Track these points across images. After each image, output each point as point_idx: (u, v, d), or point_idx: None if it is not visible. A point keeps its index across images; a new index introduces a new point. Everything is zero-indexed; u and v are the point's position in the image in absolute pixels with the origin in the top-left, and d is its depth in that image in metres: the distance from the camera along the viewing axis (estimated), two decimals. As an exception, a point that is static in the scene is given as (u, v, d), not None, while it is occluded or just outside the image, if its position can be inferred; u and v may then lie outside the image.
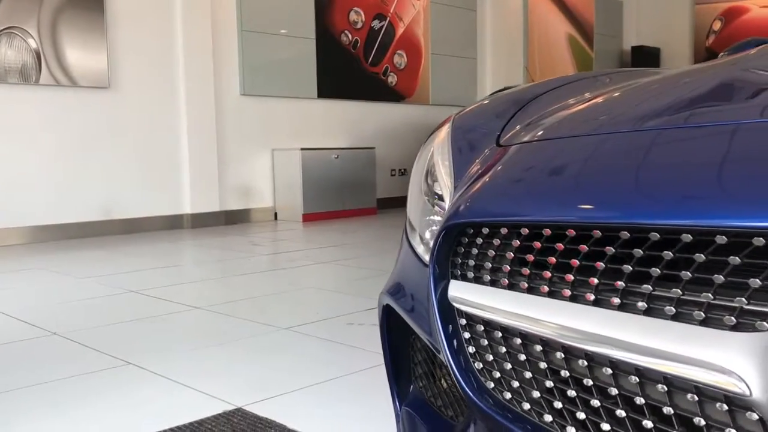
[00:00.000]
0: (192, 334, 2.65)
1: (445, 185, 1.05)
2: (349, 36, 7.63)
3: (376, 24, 7.89)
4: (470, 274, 0.85)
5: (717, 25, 10.75)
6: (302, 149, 6.81)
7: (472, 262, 0.84)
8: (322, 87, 7.40)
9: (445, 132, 1.15)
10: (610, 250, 0.68)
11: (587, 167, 0.77)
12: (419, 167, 1.17)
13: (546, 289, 0.75)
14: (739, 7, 10.51)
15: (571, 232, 0.72)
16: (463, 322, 0.86)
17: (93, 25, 5.71)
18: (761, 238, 0.57)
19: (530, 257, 0.76)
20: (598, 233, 0.70)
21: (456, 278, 0.87)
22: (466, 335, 0.85)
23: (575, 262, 0.72)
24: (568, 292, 0.72)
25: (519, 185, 0.83)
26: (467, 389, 0.83)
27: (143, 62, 6.08)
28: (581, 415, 0.71)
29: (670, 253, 0.62)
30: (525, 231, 0.77)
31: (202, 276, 3.94)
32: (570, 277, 0.72)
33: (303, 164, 6.77)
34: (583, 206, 0.73)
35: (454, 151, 1.08)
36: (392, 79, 8.13)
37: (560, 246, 0.74)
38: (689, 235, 0.61)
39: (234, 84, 6.76)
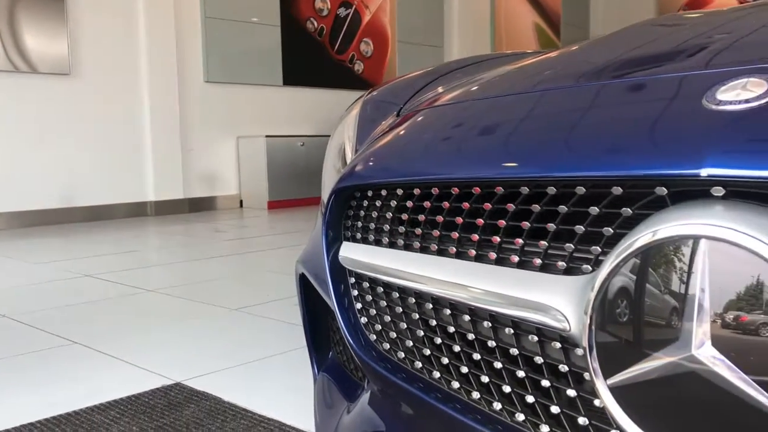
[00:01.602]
0: (141, 316, 2.67)
1: (350, 157, 1.09)
2: (315, 23, 7.63)
3: (342, 11, 7.90)
4: (359, 236, 0.89)
5: (681, 16, 10.90)
6: (267, 137, 6.82)
7: (360, 224, 0.89)
8: (288, 74, 7.40)
9: (356, 109, 1.20)
10: (488, 206, 0.73)
11: (467, 130, 0.82)
12: (333, 143, 1.21)
13: (421, 245, 0.79)
14: (702, -2, 10.68)
15: (456, 190, 0.77)
16: (352, 281, 0.91)
17: (53, 10, 5.65)
18: (618, 187, 0.61)
19: (405, 216, 0.81)
20: (478, 190, 0.74)
21: (348, 240, 0.92)
22: (354, 293, 0.90)
23: (459, 219, 0.77)
24: (434, 247, 0.77)
25: (403, 148, 0.87)
26: (353, 343, 0.88)
27: (105, 49, 6.04)
28: (445, 360, 0.76)
29: (538, 206, 0.66)
30: (401, 191, 0.81)
31: (160, 261, 3.95)
32: (437, 232, 0.77)
33: (268, 152, 6.78)
34: (462, 165, 0.77)
35: (360, 124, 1.12)
36: (359, 67, 8.15)
37: (446, 204, 0.78)
38: (553, 188, 0.65)
39: (198, 71, 6.74)
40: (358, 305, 0.90)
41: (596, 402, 0.60)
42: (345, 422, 0.98)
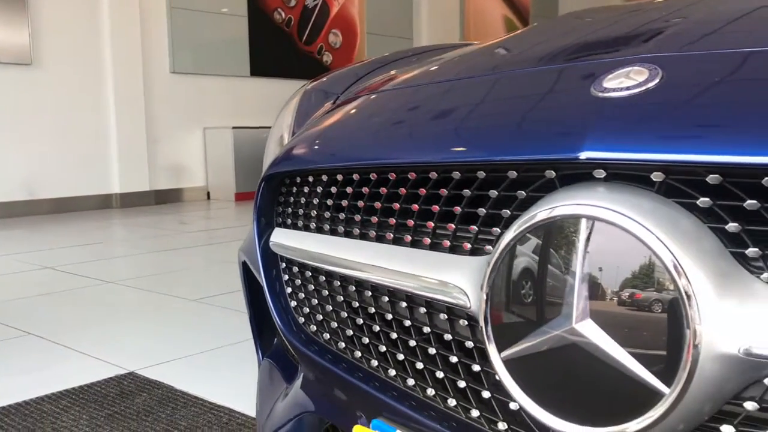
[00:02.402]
0: (99, 307, 2.66)
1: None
2: (282, 14, 7.60)
3: (309, 2, 7.87)
4: (289, 221, 0.92)
5: (646, 9, 11.03)
6: (234, 128, 6.79)
7: (290, 210, 0.91)
8: (255, 65, 7.37)
9: (296, 98, 1.22)
10: (403, 190, 0.76)
11: (385, 119, 0.84)
12: (273, 133, 1.23)
13: (345, 230, 0.82)
14: (667, -9, 10.82)
15: (374, 176, 0.79)
16: (283, 266, 0.93)
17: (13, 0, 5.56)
18: (514, 171, 0.64)
19: (330, 201, 0.83)
20: (393, 175, 0.77)
21: (279, 226, 0.94)
22: (285, 278, 0.92)
23: (378, 204, 0.79)
24: (356, 231, 0.79)
25: (330, 136, 0.89)
26: (283, 327, 0.90)
27: (68, 38, 5.96)
28: (366, 340, 0.79)
29: (446, 191, 0.69)
30: (326, 177, 0.84)
31: (122, 253, 3.93)
32: (359, 217, 0.79)
33: (235, 143, 6.75)
34: (379, 152, 0.80)
35: (299, 113, 1.14)
36: (327, 58, 8.14)
37: (366, 190, 0.81)
38: (457, 173, 0.68)
39: (163, 61, 6.67)
40: (289, 290, 0.92)
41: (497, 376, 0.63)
42: (280, 406, 1.01)
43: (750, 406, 0.51)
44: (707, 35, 0.63)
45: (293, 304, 0.91)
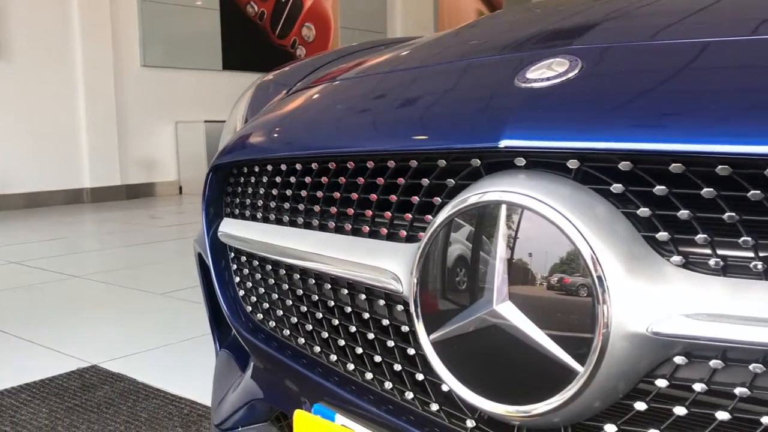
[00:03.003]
0: (65, 301, 2.65)
1: (240, 137, 1.12)
2: (255, 7, 7.56)
3: (282, -4, 7.84)
4: (237, 211, 0.93)
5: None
6: (206, 121, 6.75)
7: (238, 200, 0.92)
8: (228, 59, 7.32)
9: (251, 91, 1.23)
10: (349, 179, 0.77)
11: (324, 109, 0.85)
12: (228, 125, 1.24)
13: (290, 219, 0.83)
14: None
15: (315, 166, 0.81)
16: (232, 255, 0.94)
17: (-22, -10, 5.47)
18: (443, 160, 0.65)
19: (275, 191, 0.84)
20: (333, 165, 0.78)
21: (227, 216, 0.95)
22: (234, 267, 0.94)
23: (320, 193, 0.81)
24: (300, 221, 0.81)
25: (275, 127, 0.90)
26: (231, 316, 0.91)
27: (37, 31, 5.87)
28: (309, 327, 0.80)
29: (382, 179, 0.70)
30: (271, 167, 0.85)
31: (90, 248, 3.90)
32: (302, 206, 0.81)
33: (207, 137, 6.71)
34: (320, 142, 0.81)
35: (252, 105, 1.15)
36: (300, 52, 8.11)
37: (309, 180, 0.82)
38: (393, 162, 0.70)
39: (134, 55, 6.61)
40: (237, 279, 0.93)
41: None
42: (232, 394, 1.02)
43: (661, 383, 0.53)
44: (627, 28, 0.65)
45: (241, 293, 0.92)
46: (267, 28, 7.69)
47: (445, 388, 0.65)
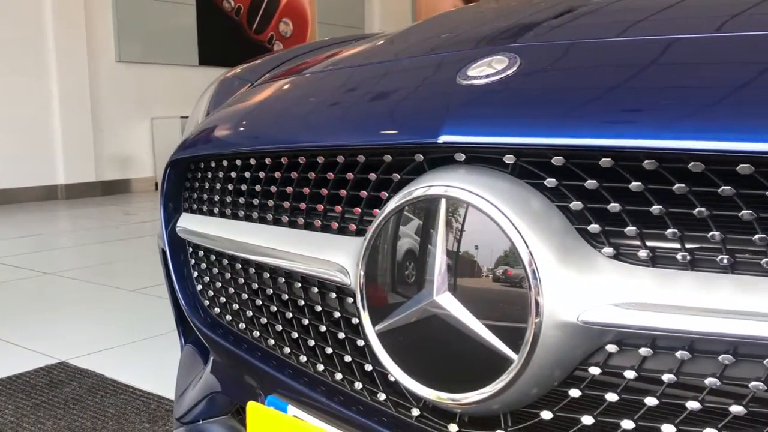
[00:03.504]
0: (35, 298, 2.63)
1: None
2: (232, 3, 7.52)
3: (259, -9, 7.81)
4: (195, 206, 0.93)
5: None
6: (182, 117, 6.70)
7: (196, 195, 0.93)
8: (204, 54, 7.28)
9: (214, 86, 1.23)
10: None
11: (281, 104, 0.86)
12: (191, 120, 1.24)
13: (245, 214, 0.84)
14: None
15: (269, 161, 0.82)
16: (191, 250, 0.95)
17: (-52, -16, 5.39)
18: (389, 155, 0.66)
19: (230, 186, 0.85)
20: (285, 160, 0.79)
21: (186, 211, 0.96)
22: (192, 262, 0.94)
23: (274, 188, 0.81)
24: (255, 215, 0.82)
25: (232, 122, 0.91)
26: (189, 310, 0.92)
27: (8, 24, 5.80)
28: (263, 320, 0.81)
29: (332, 174, 0.71)
30: (226, 162, 0.86)
31: (63, 244, 3.87)
32: (257, 201, 0.82)
33: (183, 133, 6.66)
34: (273, 137, 0.82)
35: (214, 100, 1.16)
36: (278, 47, 8.08)
37: (263, 174, 0.83)
38: (342, 156, 0.71)
39: (109, 50, 6.55)
40: (195, 274, 0.94)
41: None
42: (193, 388, 1.03)
43: (594, 370, 0.55)
44: (567, 28, 0.67)
45: (200, 288, 0.93)
46: (244, 24, 7.66)
47: (392, 378, 0.66)
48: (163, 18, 6.88)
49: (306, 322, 0.75)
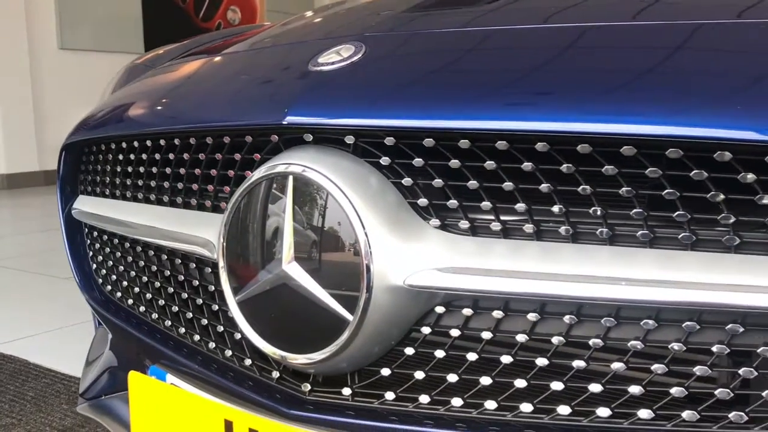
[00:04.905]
0: (-33, 288, 2.61)
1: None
2: (178, -10, 7.42)
3: (207, -22, 7.72)
4: (89, 188, 0.97)
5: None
6: (128, 106, 6.62)
7: (90, 177, 0.96)
8: (150, 42, 7.17)
9: (119, 76, 1.26)
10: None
11: (169, 88, 0.90)
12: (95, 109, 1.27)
13: (132, 195, 0.88)
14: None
15: (163, 142, 0.85)
16: (86, 231, 0.98)
17: None
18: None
19: (119, 168, 0.89)
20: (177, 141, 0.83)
21: (82, 193, 0.99)
22: (87, 242, 0.98)
23: (169, 170, 0.85)
24: (141, 195, 0.86)
25: (123, 105, 0.94)
26: (84, 289, 0.96)
27: (-58, 11, 5.64)
28: (149, 296, 0.85)
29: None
30: (114, 145, 0.89)
31: (1, 233, 3.81)
32: (140, 182, 0.85)
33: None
34: (166, 119, 0.85)
35: (116, 88, 1.18)
36: (226, 35, 8.01)
37: (158, 156, 0.86)
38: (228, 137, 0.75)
39: (51, 37, 6.41)
40: (90, 253, 0.97)
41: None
42: (96, 365, 1.06)
43: (426, 330, 0.61)
44: (414, 18, 0.72)
45: (94, 267, 0.97)
46: (190, 11, 7.57)
47: (257, 344, 0.71)
48: (108, 5, 6.77)
49: (185, 296, 0.80)
